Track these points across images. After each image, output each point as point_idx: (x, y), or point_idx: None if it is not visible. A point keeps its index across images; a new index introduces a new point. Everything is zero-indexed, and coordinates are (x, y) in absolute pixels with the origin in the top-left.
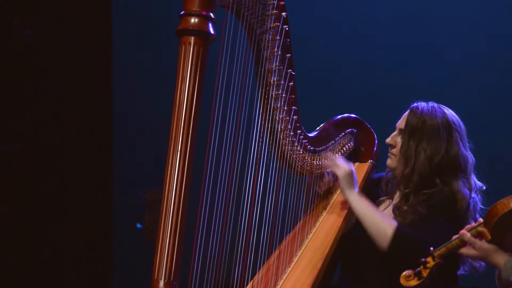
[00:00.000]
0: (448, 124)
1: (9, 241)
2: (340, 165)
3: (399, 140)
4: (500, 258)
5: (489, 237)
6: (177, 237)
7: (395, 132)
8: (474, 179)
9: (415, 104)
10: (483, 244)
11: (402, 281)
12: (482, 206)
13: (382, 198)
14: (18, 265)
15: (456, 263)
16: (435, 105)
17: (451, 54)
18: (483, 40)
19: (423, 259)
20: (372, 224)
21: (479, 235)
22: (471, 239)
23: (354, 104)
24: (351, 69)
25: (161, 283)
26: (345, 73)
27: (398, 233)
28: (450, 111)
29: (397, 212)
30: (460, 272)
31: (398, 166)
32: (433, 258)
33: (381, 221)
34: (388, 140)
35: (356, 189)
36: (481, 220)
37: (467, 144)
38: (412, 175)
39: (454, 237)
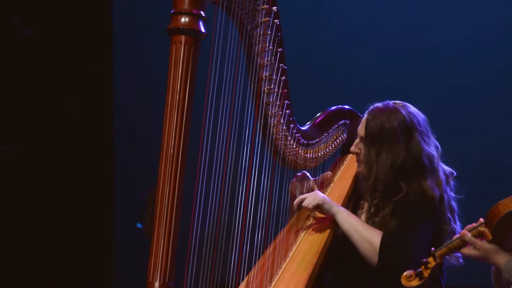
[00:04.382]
0: (405, 126)
1: (9, 241)
2: (311, 195)
3: (362, 147)
4: (501, 258)
5: (490, 237)
6: (171, 238)
7: (357, 140)
8: (442, 169)
9: (371, 108)
10: (484, 244)
11: (403, 281)
12: (454, 195)
13: (361, 201)
14: (18, 265)
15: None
16: (391, 105)
17: (451, 54)
18: (483, 40)
19: (424, 259)
20: (359, 239)
21: (480, 235)
22: (472, 239)
23: (352, 101)
24: (350, 67)
25: (157, 285)
26: (344, 71)
27: (385, 243)
28: (408, 107)
29: (371, 224)
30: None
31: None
32: (434, 258)
33: (367, 234)
34: (352, 148)
35: (338, 205)
36: (482, 220)
37: (430, 137)
38: (377, 185)
39: (455, 237)
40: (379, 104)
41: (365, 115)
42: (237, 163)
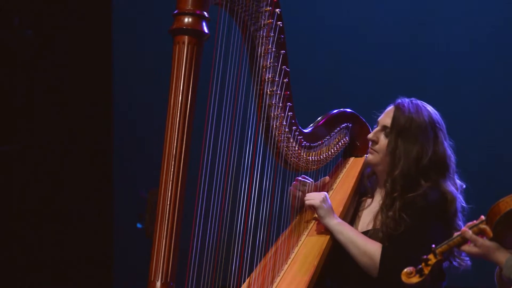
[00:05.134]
0: (433, 124)
1: (9, 241)
2: (312, 195)
3: (382, 136)
4: (502, 256)
5: (491, 234)
6: (173, 238)
7: (378, 128)
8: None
9: (400, 101)
10: (485, 241)
11: (403, 278)
12: (464, 205)
13: (363, 198)
14: (18, 265)
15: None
16: (419, 102)
17: (451, 54)
18: (483, 40)
19: (425, 256)
20: (359, 253)
21: (480, 233)
22: (473, 237)
23: (352, 101)
24: (351, 67)
25: (158, 284)
26: (346, 73)
27: (385, 257)
28: (432, 108)
29: (384, 216)
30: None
31: (381, 163)
32: (435, 255)
33: (366, 248)
34: (370, 136)
35: (334, 215)
36: (482, 217)
37: (447, 142)
38: (400, 177)
39: (456, 234)
40: (405, 98)
41: (391, 107)
42: (239, 165)
